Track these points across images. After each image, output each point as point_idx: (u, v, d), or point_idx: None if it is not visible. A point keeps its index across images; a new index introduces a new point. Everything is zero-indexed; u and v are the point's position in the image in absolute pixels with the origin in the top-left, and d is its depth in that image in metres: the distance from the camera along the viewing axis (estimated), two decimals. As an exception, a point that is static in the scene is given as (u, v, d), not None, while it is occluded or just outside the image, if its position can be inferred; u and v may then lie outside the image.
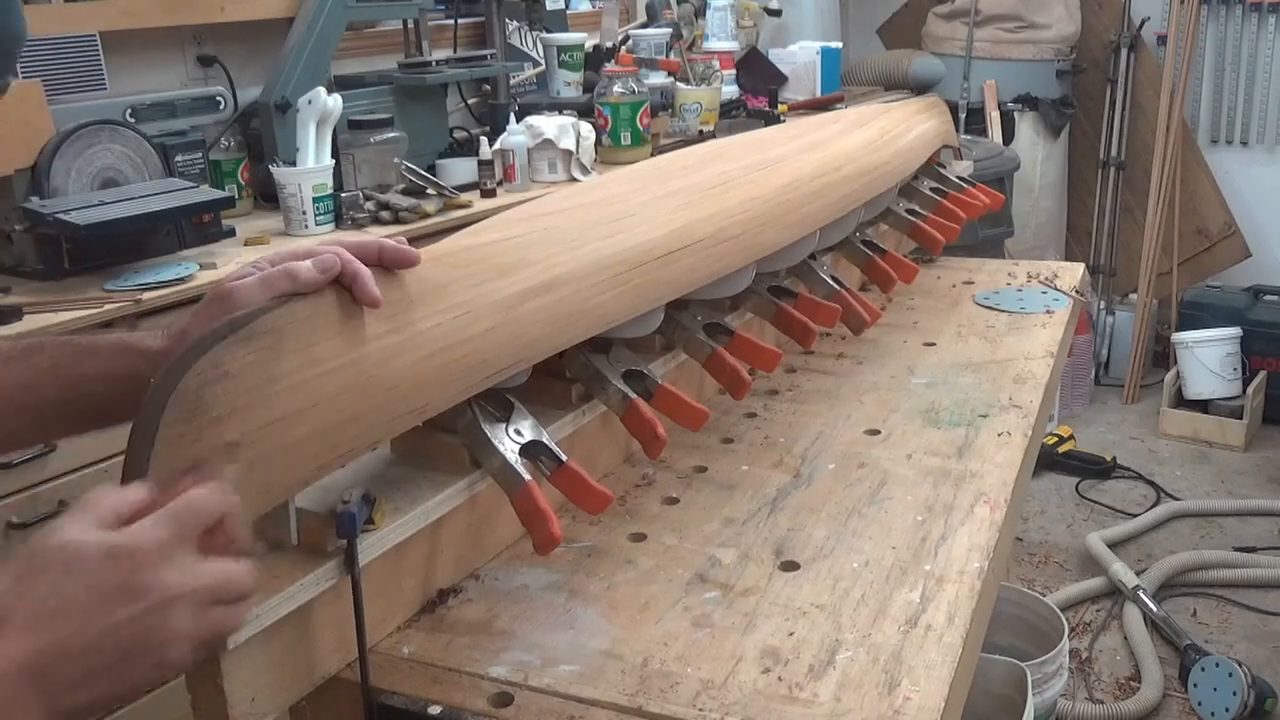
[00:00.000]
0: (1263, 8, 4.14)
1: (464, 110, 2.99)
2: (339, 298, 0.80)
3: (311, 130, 2.18)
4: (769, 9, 3.87)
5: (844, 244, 1.54)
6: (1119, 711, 2.46)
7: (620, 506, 1.08)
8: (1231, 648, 2.70)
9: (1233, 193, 4.32)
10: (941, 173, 1.86)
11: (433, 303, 0.85)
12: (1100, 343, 4.42)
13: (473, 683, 0.82)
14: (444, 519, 0.92)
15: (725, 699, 0.79)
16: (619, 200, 1.12)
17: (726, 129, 3.04)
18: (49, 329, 1.68)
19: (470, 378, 0.87)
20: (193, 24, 2.41)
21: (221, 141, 2.37)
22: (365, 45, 2.83)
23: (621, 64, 3.01)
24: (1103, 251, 4.53)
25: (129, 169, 2.06)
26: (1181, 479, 3.61)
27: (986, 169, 3.04)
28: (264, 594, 0.76)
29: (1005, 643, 1.99)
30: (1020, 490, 1.17)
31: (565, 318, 0.95)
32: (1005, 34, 4.27)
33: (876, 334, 1.51)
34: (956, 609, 0.89)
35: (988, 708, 1.71)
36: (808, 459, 1.18)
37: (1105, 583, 2.93)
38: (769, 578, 0.95)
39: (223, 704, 0.75)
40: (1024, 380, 1.38)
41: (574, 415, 1.06)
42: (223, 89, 2.41)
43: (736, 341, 1.19)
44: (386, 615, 0.89)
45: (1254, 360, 3.92)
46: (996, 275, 1.84)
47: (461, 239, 0.98)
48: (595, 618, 0.90)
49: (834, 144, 1.52)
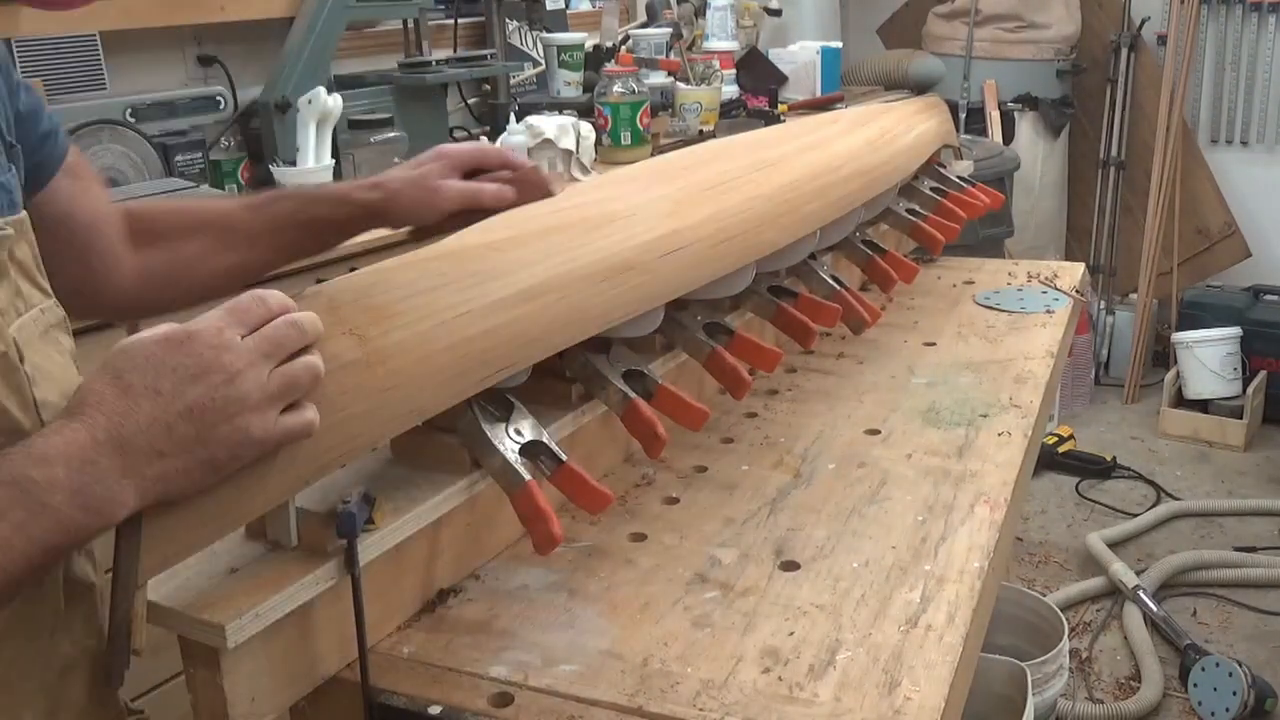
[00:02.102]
0: (1263, 8, 4.14)
1: (464, 110, 2.99)
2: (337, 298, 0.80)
3: (311, 130, 2.18)
4: (769, 9, 3.87)
5: (844, 244, 1.54)
6: (1119, 711, 2.46)
7: (620, 506, 1.08)
8: (1231, 647, 2.70)
9: (1233, 193, 4.32)
10: (942, 172, 1.86)
11: (433, 302, 0.85)
12: (1100, 343, 4.42)
13: (473, 682, 0.82)
14: (444, 519, 0.92)
15: (725, 699, 0.79)
16: (619, 200, 1.12)
17: (726, 129, 3.04)
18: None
19: (470, 378, 0.87)
20: (193, 24, 2.41)
21: (221, 141, 2.37)
22: (365, 45, 2.83)
23: (621, 64, 3.01)
24: (1103, 251, 4.53)
25: (129, 169, 2.06)
26: (1181, 479, 3.61)
27: (986, 169, 3.04)
28: (264, 594, 0.76)
29: (1005, 643, 1.99)
30: (1020, 490, 1.17)
31: (565, 318, 0.95)
32: (1005, 34, 4.27)
33: (877, 334, 1.51)
34: (956, 609, 0.89)
35: (988, 708, 1.71)
36: (808, 459, 1.18)
37: (1105, 583, 2.93)
38: (769, 578, 0.95)
39: (223, 703, 0.75)
40: (1024, 380, 1.38)
41: (574, 415, 1.06)
42: (223, 89, 2.41)
43: (736, 341, 1.19)
44: (386, 615, 0.89)
45: (1254, 360, 3.92)
46: (997, 275, 1.84)
47: (462, 238, 0.98)
48: (595, 617, 0.90)
49: (834, 144, 1.51)
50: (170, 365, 0.66)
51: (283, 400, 0.70)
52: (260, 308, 0.71)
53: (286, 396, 0.71)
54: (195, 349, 0.67)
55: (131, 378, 0.66)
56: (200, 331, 0.68)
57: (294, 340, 0.71)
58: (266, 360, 0.70)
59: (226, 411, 0.67)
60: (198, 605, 0.76)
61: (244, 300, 0.71)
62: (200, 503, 0.70)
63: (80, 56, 2.20)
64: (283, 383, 0.70)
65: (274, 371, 0.70)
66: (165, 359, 0.67)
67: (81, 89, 2.20)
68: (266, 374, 0.69)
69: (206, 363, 0.67)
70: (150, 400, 0.66)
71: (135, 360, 0.67)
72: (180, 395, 0.66)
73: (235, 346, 0.68)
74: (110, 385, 0.66)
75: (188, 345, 0.67)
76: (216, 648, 0.74)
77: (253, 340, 0.70)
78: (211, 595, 0.77)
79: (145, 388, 0.66)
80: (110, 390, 0.66)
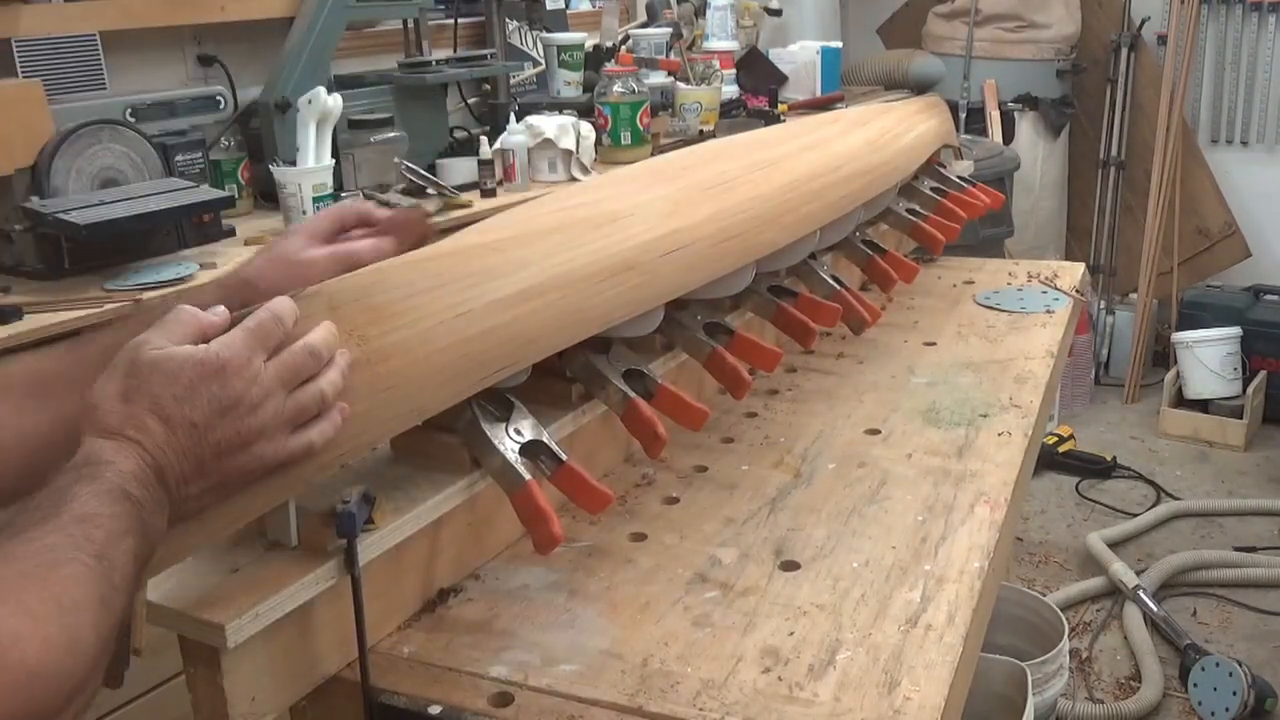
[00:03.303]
0: (1263, 8, 4.14)
1: (464, 110, 2.99)
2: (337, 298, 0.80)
3: (311, 130, 2.18)
4: (769, 9, 3.87)
5: (844, 243, 1.54)
6: (1119, 711, 2.46)
7: (620, 506, 1.08)
8: (1232, 647, 2.70)
9: (1233, 192, 4.32)
10: (942, 172, 1.86)
11: (433, 302, 0.85)
12: (1100, 342, 4.42)
13: (473, 682, 0.82)
14: (444, 519, 0.92)
15: (725, 699, 0.79)
16: (619, 199, 1.11)
17: (726, 129, 3.04)
18: (49, 329, 1.68)
19: (470, 377, 0.87)
20: (193, 24, 2.41)
21: (221, 141, 2.37)
22: (365, 45, 2.83)
23: (621, 64, 3.01)
24: (1103, 251, 4.53)
25: (129, 169, 2.05)
26: (1181, 479, 3.61)
27: (986, 169, 3.04)
28: (264, 593, 0.76)
29: (1005, 643, 1.99)
30: (1020, 490, 1.17)
31: (565, 317, 0.95)
32: (1005, 34, 4.26)
33: (877, 334, 1.51)
34: (956, 609, 0.89)
35: (988, 708, 1.71)
36: (808, 459, 1.18)
37: (1105, 582, 2.93)
38: (769, 577, 0.95)
39: (223, 703, 0.75)
40: (1024, 380, 1.38)
41: (574, 415, 1.06)
42: (223, 89, 2.41)
43: (737, 341, 1.19)
44: (387, 615, 0.89)
45: (1254, 360, 3.92)
46: (997, 275, 1.84)
47: (462, 238, 0.97)
48: (595, 617, 0.90)
49: (834, 144, 1.51)
50: (205, 396, 0.68)
51: (293, 425, 0.73)
52: (279, 329, 0.73)
53: (296, 421, 0.73)
54: (227, 380, 0.69)
55: (170, 408, 0.67)
56: (231, 361, 0.70)
57: (310, 369, 0.74)
58: (284, 389, 0.72)
59: (246, 441, 0.70)
60: (198, 605, 0.76)
61: (265, 321, 0.73)
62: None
63: (80, 56, 2.20)
64: (296, 410, 0.73)
65: (289, 398, 0.72)
66: (201, 389, 0.68)
67: (81, 89, 2.20)
68: (284, 402, 0.72)
69: (236, 395, 0.69)
70: (187, 433, 0.68)
71: (173, 387, 0.68)
72: (211, 428, 0.68)
73: (260, 378, 0.71)
74: (150, 414, 0.67)
75: (221, 377, 0.69)
76: (216, 647, 0.74)
77: (274, 369, 0.72)
78: (211, 595, 0.77)
79: (183, 419, 0.67)
80: (151, 420, 0.67)
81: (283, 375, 0.72)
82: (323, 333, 0.75)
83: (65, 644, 0.57)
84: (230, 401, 0.69)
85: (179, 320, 0.72)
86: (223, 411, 0.69)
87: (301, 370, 0.73)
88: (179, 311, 0.73)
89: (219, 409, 0.69)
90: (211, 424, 0.68)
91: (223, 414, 0.69)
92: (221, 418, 0.69)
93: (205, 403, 0.68)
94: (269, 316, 0.73)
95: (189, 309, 0.73)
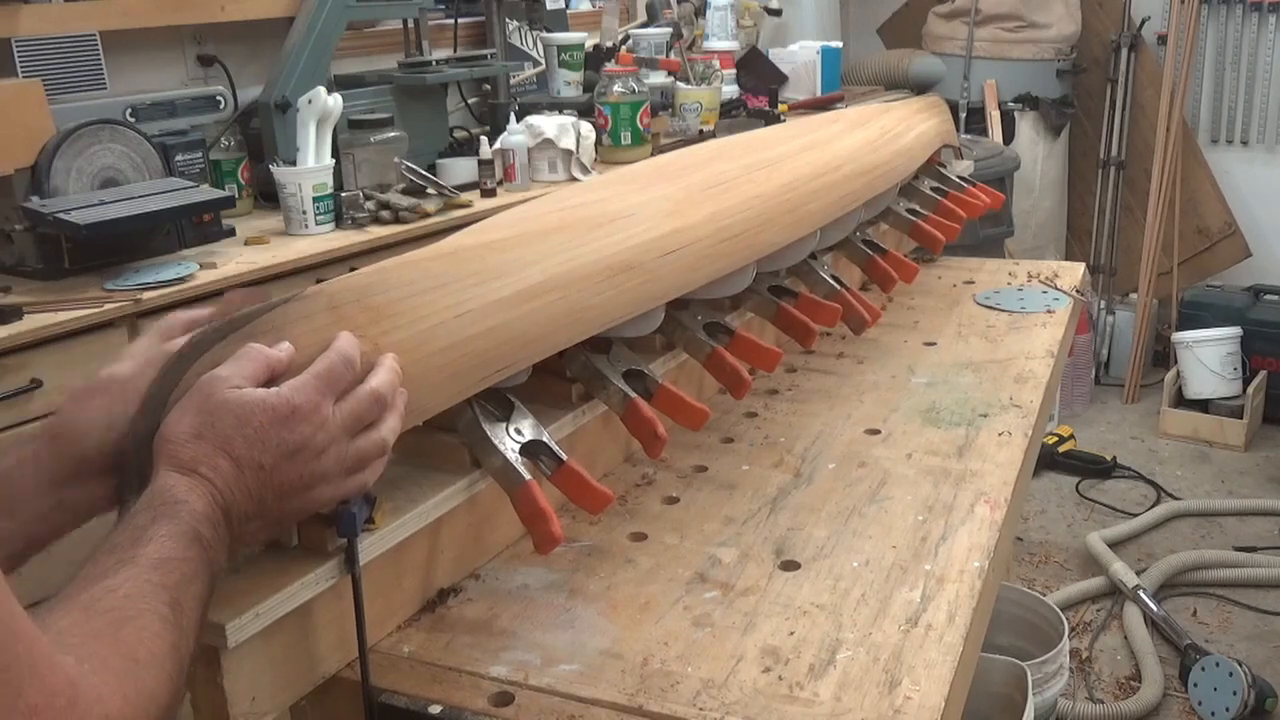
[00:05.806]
0: (1263, 8, 4.14)
1: (464, 110, 2.99)
2: (337, 298, 0.80)
3: (311, 130, 2.18)
4: (769, 9, 3.87)
5: (844, 243, 1.54)
6: (1119, 711, 2.46)
7: (620, 506, 1.08)
8: (1232, 647, 2.70)
9: (1233, 192, 4.32)
10: (942, 172, 1.86)
11: (433, 302, 0.85)
12: (1100, 342, 4.42)
13: (473, 682, 0.82)
14: (444, 518, 0.92)
15: (725, 698, 0.79)
16: (619, 199, 1.11)
17: (726, 129, 3.04)
18: (49, 328, 1.68)
19: (470, 377, 0.87)
20: (193, 24, 2.41)
21: (221, 141, 2.37)
22: (365, 45, 2.83)
23: (621, 63, 3.01)
24: (1103, 251, 4.53)
25: (129, 168, 2.06)
26: (1182, 479, 3.61)
27: (987, 168, 3.04)
28: (264, 593, 0.76)
29: (1005, 642, 1.99)
30: (1020, 490, 1.17)
31: (565, 317, 0.95)
32: (1005, 33, 4.27)
33: (877, 333, 1.51)
34: (957, 608, 0.89)
35: (988, 707, 1.71)
36: (808, 458, 1.18)
37: (1105, 582, 2.93)
38: (769, 577, 0.95)
39: (223, 703, 0.75)
40: (1024, 380, 1.38)
41: (574, 415, 1.06)
42: (223, 89, 2.41)
43: (737, 341, 1.19)
44: (387, 615, 0.89)
45: (1254, 360, 3.92)
46: (997, 275, 1.84)
47: (462, 238, 0.97)
48: (595, 617, 0.90)
49: (834, 143, 1.51)
50: (275, 441, 0.70)
51: (353, 471, 0.75)
52: (349, 373, 0.75)
53: (356, 469, 0.75)
54: (296, 425, 0.70)
55: (239, 450, 0.69)
56: (301, 407, 0.71)
57: (374, 415, 0.76)
58: (348, 435, 0.74)
59: (308, 485, 0.72)
60: (198, 605, 0.76)
61: (335, 365, 0.74)
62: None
63: (80, 56, 2.20)
64: (357, 458, 0.75)
65: (351, 445, 0.74)
66: (271, 434, 0.69)
67: (81, 89, 2.20)
68: (346, 448, 0.74)
69: (303, 440, 0.71)
70: (254, 475, 0.69)
71: (244, 430, 0.69)
72: (278, 471, 0.70)
73: (327, 424, 0.72)
74: (220, 454, 0.68)
75: (291, 422, 0.70)
76: (216, 647, 0.74)
77: (341, 415, 0.73)
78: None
79: (251, 461, 0.69)
80: (223, 459, 0.68)
81: (347, 422, 0.74)
82: (387, 375, 0.77)
83: (143, 701, 0.58)
84: (297, 446, 0.70)
85: (249, 358, 0.73)
86: (290, 455, 0.70)
87: (365, 417, 0.75)
88: (249, 349, 0.73)
89: (286, 452, 0.70)
90: (278, 466, 0.70)
91: (289, 457, 0.70)
92: (288, 461, 0.70)
93: (274, 446, 0.69)
94: (339, 360, 0.74)
95: (258, 346, 0.74)
